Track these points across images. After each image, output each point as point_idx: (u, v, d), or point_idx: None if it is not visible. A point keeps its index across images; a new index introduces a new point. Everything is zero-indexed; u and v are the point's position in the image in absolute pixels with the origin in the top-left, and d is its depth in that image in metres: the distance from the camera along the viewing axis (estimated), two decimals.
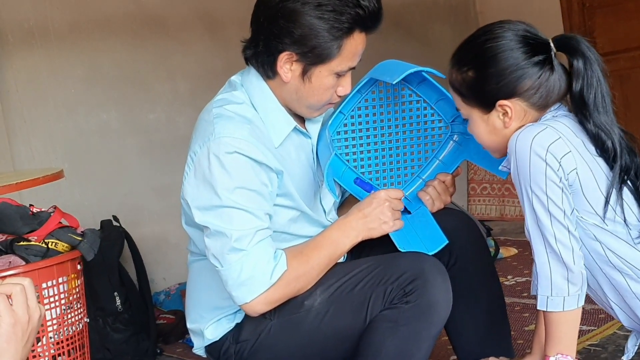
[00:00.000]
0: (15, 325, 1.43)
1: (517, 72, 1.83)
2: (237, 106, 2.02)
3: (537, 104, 1.86)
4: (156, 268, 3.82)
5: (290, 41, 1.96)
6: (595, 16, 4.74)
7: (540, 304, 1.84)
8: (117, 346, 3.26)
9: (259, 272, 1.92)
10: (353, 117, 2.19)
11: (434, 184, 2.19)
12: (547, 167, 1.77)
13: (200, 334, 2.14)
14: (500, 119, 1.88)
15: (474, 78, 1.88)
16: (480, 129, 1.93)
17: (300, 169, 2.10)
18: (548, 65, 1.84)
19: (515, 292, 3.52)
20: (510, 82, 1.84)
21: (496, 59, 1.84)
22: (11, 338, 1.42)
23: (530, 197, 1.80)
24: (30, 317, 1.45)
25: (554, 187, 1.77)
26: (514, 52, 1.83)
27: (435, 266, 1.96)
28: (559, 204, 1.78)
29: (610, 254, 1.82)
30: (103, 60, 3.77)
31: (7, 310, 1.43)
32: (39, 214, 2.64)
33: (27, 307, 1.45)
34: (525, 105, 1.86)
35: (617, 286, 1.84)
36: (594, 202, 1.81)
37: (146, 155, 3.89)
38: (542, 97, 1.85)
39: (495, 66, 1.84)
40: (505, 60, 1.83)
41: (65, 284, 2.54)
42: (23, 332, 1.44)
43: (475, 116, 1.92)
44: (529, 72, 1.83)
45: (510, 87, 1.84)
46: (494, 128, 1.90)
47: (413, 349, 1.94)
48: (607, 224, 1.81)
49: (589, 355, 2.64)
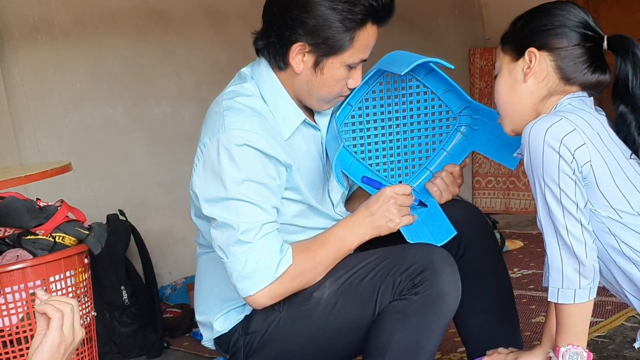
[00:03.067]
0: (60, 345, 1.46)
1: (560, 28, 1.86)
2: (247, 98, 2.02)
3: (561, 69, 1.87)
4: (162, 262, 3.82)
5: (303, 32, 1.96)
6: (600, 8, 4.73)
7: (551, 295, 1.83)
8: (123, 340, 3.27)
9: (263, 265, 1.93)
10: (360, 109, 2.19)
11: (442, 176, 2.19)
12: (560, 159, 1.76)
13: (209, 326, 2.14)
14: (522, 72, 1.90)
15: (521, 24, 1.93)
16: (502, 80, 1.94)
17: (310, 161, 2.10)
18: (590, 44, 1.86)
19: (522, 284, 3.52)
20: (550, 33, 1.87)
21: (550, 12, 1.89)
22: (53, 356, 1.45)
23: (543, 189, 1.79)
24: (74, 338, 1.48)
25: (567, 179, 1.77)
26: (570, 15, 1.88)
27: (444, 257, 1.96)
28: (571, 196, 1.77)
29: (625, 247, 1.81)
30: (108, 55, 3.77)
31: (58, 330, 1.45)
32: (46, 208, 2.64)
33: (73, 329, 1.47)
34: (551, 66, 1.87)
35: (631, 278, 1.84)
36: (608, 195, 1.80)
37: (152, 150, 3.90)
38: (568, 67, 1.86)
39: (544, 17, 1.89)
40: (557, 16, 1.88)
41: (73, 277, 2.54)
42: (64, 352, 1.47)
43: (504, 65, 1.94)
44: (569, 34, 1.86)
45: (547, 37, 1.87)
46: (515, 81, 1.91)
47: (422, 340, 1.94)
48: (622, 216, 1.81)
49: (596, 346, 2.64)
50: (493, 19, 5.28)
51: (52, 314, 1.45)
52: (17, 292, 2.42)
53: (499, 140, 2.17)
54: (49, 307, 1.46)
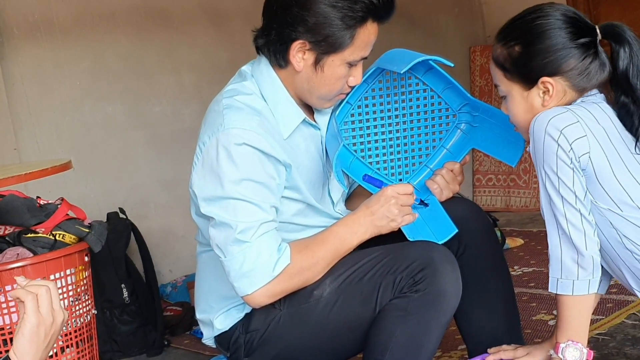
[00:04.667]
0: (39, 326, 1.44)
1: (563, 50, 1.85)
2: (247, 97, 2.02)
3: (577, 85, 1.88)
4: (162, 260, 3.82)
5: (303, 29, 1.95)
6: (600, 6, 4.73)
7: (551, 285, 1.85)
8: (124, 338, 3.27)
9: (260, 264, 1.93)
10: (360, 107, 2.19)
11: (442, 173, 2.19)
12: (558, 147, 1.78)
13: (210, 324, 2.14)
14: (540, 97, 1.89)
15: (520, 53, 1.90)
16: (518, 106, 1.93)
17: (310, 160, 2.10)
18: (593, 49, 1.86)
19: (522, 282, 3.52)
20: (557, 59, 1.86)
21: (544, 35, 1.86)
22: (34, 339, 1.43)
23: (544, 178, 1.82)
24: (54, 319, 1.46)
25: (565, 167, 1.78)
26: (562, 31, 1.86)
27: (444, 255, 1.96)
28: (569, 185, 1.79)
29: (627, 241, 1.82)
30: (108, 53, 3.77)
31: (34, 311, 1.44)
32: (46, 206, 2.64)
33: (52, 310, 1.46)
34: (567, 86, 1.87)
35: (636, 273, 1.84)
36: (608, 187, 1.81)
37: (152, 148, 3.90)
38: (582, 79, 1.87)
39: (543, 42, 1.86)
40: (554, 38, 1.86)
41: (73, 275, 2.54)
42: (46, 334, 1.45)
43: (515, 92, 1.93)
44: (574, 53, 1.85)
45: (556, 65, 1.86)
46: (532, 106, 1.91)
47: (423, 338, 1.94)
48: (622, 209, 1.81)
49: (597, 344, 2.64)
50: (493, 16, 5.28)
51: (24, 297, 1.44)
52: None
53: (498, 137, 2.17)
54: (20, 291, 1.45)
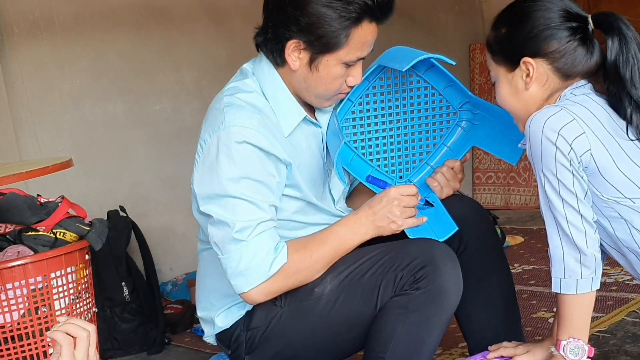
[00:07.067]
0: None
1: (546, 31, 1.85)
2: (248, 95, 2.02)
3: (561, 69, 1.86)
4: (163, 258, 3.82)
5: (297, 29, 1.95)
6: (600, 3, 4.72)
7: (554, 286, 1.84)
8: (125, 336, 3.27)
9: (257, 263, 1.93)
10: (361, 105, 2.19)
11: (443, 171, 2.19)
12: (557, 150, 1.77)
13: (211, 322, 2.14)
14: (522, 80, 1.89)
15: (505, 33, 1.91)
16: (504, 90, 1.93)
17: (310, 158, 2.10)
18: (580, 34, 1.84)
19: (523, 279, 3.52)
20: (538, 39, 1.85)
21: (530, 16, 1.87)
22: None
23: (543, 180, 1.81)
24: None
25: (564, 170, 1.78)
26: (550, 12, 1.85)
27: (445, 252, 1.96)
28: (569, 187, 1.78)
29: (635, 232, 1.82)
30: (108, 52, 3.76)
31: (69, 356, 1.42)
32: (46, 204, 2.64)
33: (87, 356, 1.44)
34: (549, 69, 1.86)
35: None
36: (614, 181, 1.80)
37: (152, 146, 3.89)
38: (566, 65, 1.86)
39: (527, 23, 1.87)
40: (538, 19, 1.85)
41: (74, 273, 2.54)
42: None
43: (501, 75, 1.93)
44: (558, 34, 1.84)
45: (537, 45, 1.85)
46: (516, 89, 1.91)
47: (424, 335, 1.94)
48: (635, 201, 1.80)
49: (597, 341, 2.64)
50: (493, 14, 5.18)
51: (62, 342, 1.42)
52: (18, 288, 2.41)
53: (499, 135, 2.17)
54: (58, 335, 1.43)
